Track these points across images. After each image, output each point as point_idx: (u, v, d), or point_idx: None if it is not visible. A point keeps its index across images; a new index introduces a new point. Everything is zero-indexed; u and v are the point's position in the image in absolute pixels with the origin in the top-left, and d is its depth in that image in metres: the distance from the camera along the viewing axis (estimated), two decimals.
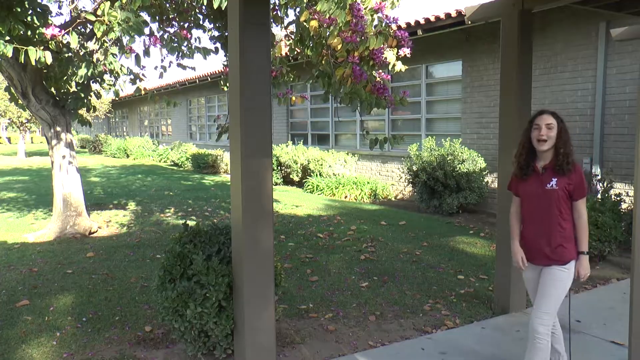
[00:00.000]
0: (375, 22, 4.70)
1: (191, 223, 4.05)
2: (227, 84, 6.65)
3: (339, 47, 4.48)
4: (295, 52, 5.75)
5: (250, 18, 3.30)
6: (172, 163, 21.66)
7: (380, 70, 5.06)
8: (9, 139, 41.28)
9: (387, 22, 4.68)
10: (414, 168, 9.86)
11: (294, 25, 5.44)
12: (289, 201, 10.95)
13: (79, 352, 3.94)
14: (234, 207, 3.44)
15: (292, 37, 5.59)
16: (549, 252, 3.20)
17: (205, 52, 5.51)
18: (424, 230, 8.17)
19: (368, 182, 12.10)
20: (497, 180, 5.29)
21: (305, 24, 4.84)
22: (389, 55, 4.88)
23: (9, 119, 27.12)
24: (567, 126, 3.26)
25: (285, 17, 5.96)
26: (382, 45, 4.56)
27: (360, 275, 5.81)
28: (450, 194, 9.44)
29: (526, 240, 3.34)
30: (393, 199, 11.96)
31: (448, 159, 9.40)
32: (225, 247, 3.58)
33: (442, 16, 9.54)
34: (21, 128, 27.75)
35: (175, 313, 3.49)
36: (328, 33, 4.59)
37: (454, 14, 9.29)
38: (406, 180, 10.65)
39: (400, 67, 4.98)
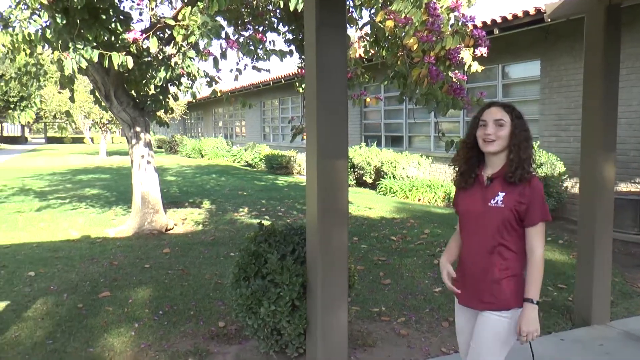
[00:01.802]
0: (452, 21, 4.60)
1: (265, 223, 4.11)
2: (302, 86, 6.73)
3: (415, 47, 4.41)
4: (370, 53, 5.72)
5: (326, 20, 3.31)
6: (246, 164, 22.09)
7: (457, 71, 4.95)
8: (92, 139, 43.42)
9: (464, 21, 4.57)
10: None
11: (368, 26, 5.41)
12: (361, 203, 10.91)
13: (156, 344, 4.08)
14: (309, 207, 3.45)
15: (367, 38, 5.56)
16: (484, 291, 2.41)
17: (282, 54, 5.58)
18: None
19: (442, 185, 11.89)
20: (577, 186, 5.06)
21: (380, 24, 4.80)
22: (465, 55, 4.77)
23: (92, 120, 28.55)
24: (527, 124, 2.46)
25: (359, 19, 5.94)
26: (458, 45, 4.46)
27: (434, 280, 5.71)
28: None
29: (461, 273, 2.54)
30: None
31: None
32: (300, 247, 3.60)
33: (520, 14, 9.25)
34: (103, 129, 29.14)
35: (249, 310, 3.54)
36: (404, 33, 4.54)
37: (532, 12, 8.99)
38: None
39: (476, 67, 4.85)
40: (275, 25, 6.35)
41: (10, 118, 8.40)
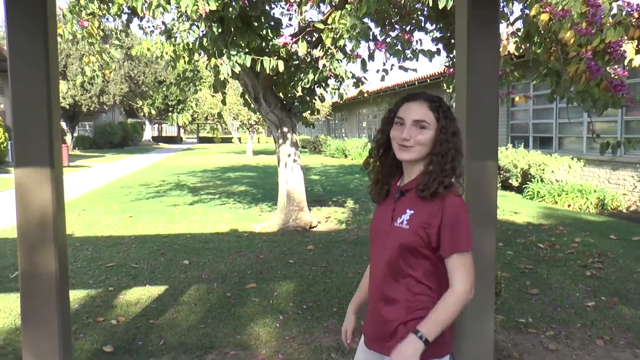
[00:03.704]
0: (614, 11, 4.22)
1: None
2: (446, 84, 6.59)
3: (572, 41, 4.12)
4: (521, 50, 5.45)
5: (478, 16, 3.19)
6: None
7: (616, 66, 4.55)
8: (239, 139, 45.92)
9: (628, 10, 4.18)
10: None
11: (520, 21, 5.15)
12: (507, 207, 10.45)
13: (299, 337, 4.21)
14: None
15: (518, 33, 5.30)
16: (389, 333, 1.89)
17: (430, 54, 5.50)
18: None
19: (595, 191, 11.03)
20: None
21: (533, 18, 4.55)
22: (627, 48, 4.36)
23: (241, 121, 30.22)
24: (457, 126, 1.92)
25: (510, 13, 5.68)
26: (620, 37, 4.09)
27: (586, 293, 5.30)
28: None
29: (369, 307, 2.02)
30: (624, 210, 10.75)
31: None
32: None
33: None
34: (250, 129, 30.72)
35: None
36: (559, 27, 4.25)
37: None
38: None
39: (639, 61, 4.41)
40: (422, 24, 6.27)
41: (170, 120, 9.13)
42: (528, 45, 5.15)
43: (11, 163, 20.79)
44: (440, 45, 6.18)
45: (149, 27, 7.28)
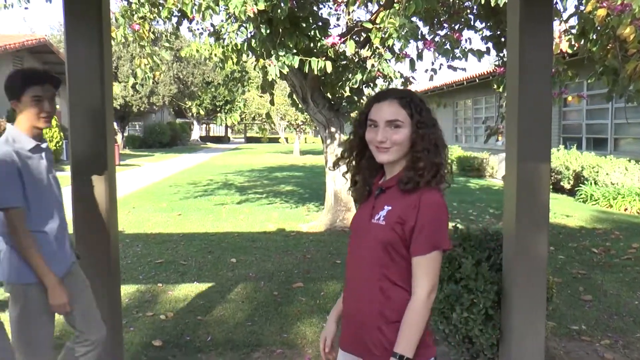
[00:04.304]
0: None
1: (459, 226, 4.00)
2: (496, 84, 6.46)
3: (632, 37, 3.96)
4: (575, 48, 5.29)
5: (531, 13, 3.11)
6: None
7: None
8: (286, 139, 46.27)
9: None
10: None
11: (574, 17, 5.00)
12: (558, 210, 10.17)
13: None
14: (507, 212, 3.28)
15: (572, 31, 5.14)
16: (362, 335, 1.83)
17: (480, 54, 5.40)
18: None
19: None
20: None
21: (589, 14, 4.41)
22: None
23: (288, 122, 30.43)
24: (433, 118, 1.84)
25: (564, 10, 5.52)
26: None
27: None
28: None
29: (344, 310, 1.95)
30: None
31: None
32: (496, 254, 3.44)
33: None
34: (297, 129, 30.89)
35: (441, 315, 3.47)
36: (618, 22, 4.10)
37: None
38: None
39: None
40: (471, 23, 6.17)
41: (218, 120, 9.26)
42: (583, 42, 5.00)
43: (66, 161, 21.56)
44: (489, 44, 6.06)
45: (198, 29, 7.41)
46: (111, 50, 3.44)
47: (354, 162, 1.97)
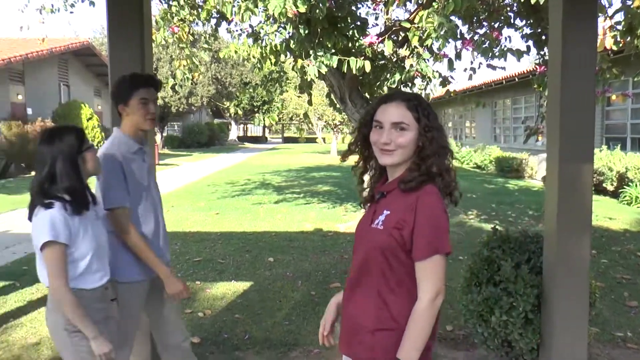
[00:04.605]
0: None
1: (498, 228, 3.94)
2: (536, 83, 6.32)
3: None
4: (620, 45, 5.14)
5: (574, 10, 3.05)
6: (475, 165, 21.51)
7: None
8: (323, 139, 46.29)
9: None
10: None
11: (620, 13, 4.86)
12: (600, 212, 9.91)
13: None
14: (548, 214, 3.22)
15: (618, 27, 5.00)
16: (357, 338, 1.82)
17: (519, 53, 5.29)
18: None
19: None
20: None
21: (637, 9, 4.28)
22: None
23: (325, 122, 30.45)
24: (439, 123, 1.82)
25: (608, 6, 5.37)
26: None
27: None
28: None
29: (342, 312, 1.96)
30: None
31: None
32: (536, 257, 3.38)
33: None
34: (334, 129, 30.89)
35: (480, 317, 3.42)
36: None
37: None
38: None
39: None
40: (511, 21, 6.05)
41: (257, 120, 9.33)
42: (629, 39, 4.86)
43: None
44: (530, 42, 5.94)
45: (236, 30, 7.48)
46: (152, 52, 3.51)
47: (361, 162, 1.96)
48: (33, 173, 2.28)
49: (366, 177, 2.02)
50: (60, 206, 2.22)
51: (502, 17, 6.13)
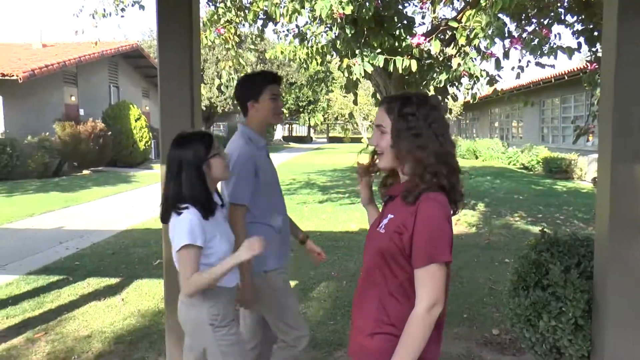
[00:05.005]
0: None
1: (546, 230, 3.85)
2: (587, 82, 6.14)
3: None
4: None
5: (630, 4, 2.94)
6: (522, 166, 21.03)
7: None
8: (368, 139, 46.25)
9: None
10: None
11: None
12: None
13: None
14: (599, 216, 3.12)
15: None
16: (357, 341, 1.82)
17: (569, 51, 5.13)
18: None
19: None
20: None
21: None
22: None
23: (370, 121, 30.38)
24: (419, 121, 1.72)
25: None
26: None
27: None
28: None
29: (351, 318, 1.97)
30: None
31: None
32: (586, 261, 3.28)
33: None
34: None
35: (527, 322, 3.35)
36: None
37: None
38: None
39: None
40: (562, 17, 5.90)
41: (302, 120, 9.36)
42: None
43: (154, 160, 22.60)
44: (581, 39, 5.77)
45: (282, 31, 7.54)
46: (200, 54, 3.58)
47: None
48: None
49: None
50: (194, 211, 2.30)
51: (552, 14, 5.98)
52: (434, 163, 1.70)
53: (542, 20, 5.97)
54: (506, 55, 5.46)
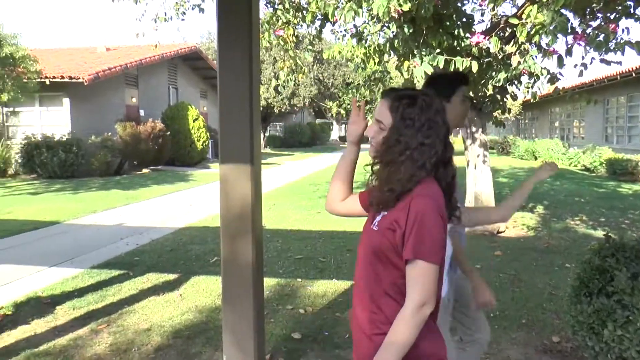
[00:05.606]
0: None
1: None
2: None
3: None
4: None
5: None
6: (583, 167, 20.25)
7: None
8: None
9: None
10: None
11: None
12: None
13: None
14: None
15: None
16: (360, 344, 1.79)
17: (639, 46, 4.90)
18: None
19: None
20: None
21: None
22: None
23: None
24: (418, 124, 1.70)
25: None
26: None
27: None
28: None
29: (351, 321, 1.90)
30: None
31: None
32: None
33: None
34: None
35: (590, 330, 3.22)
36: None
37: None
38: None
39: None
40: (631, 10, 5.62)
41: None
42: None
43: (211, 160, 23.04)
44: None
45: (340, 31, 7.54)
46: (259, 56, 3.61)
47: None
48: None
49: None
50: None
51: (620, 7, 5.72)
52: (429, 169, 1.72)
53: (608, 14, 5.72)
54: (569, 52, 5.26)
